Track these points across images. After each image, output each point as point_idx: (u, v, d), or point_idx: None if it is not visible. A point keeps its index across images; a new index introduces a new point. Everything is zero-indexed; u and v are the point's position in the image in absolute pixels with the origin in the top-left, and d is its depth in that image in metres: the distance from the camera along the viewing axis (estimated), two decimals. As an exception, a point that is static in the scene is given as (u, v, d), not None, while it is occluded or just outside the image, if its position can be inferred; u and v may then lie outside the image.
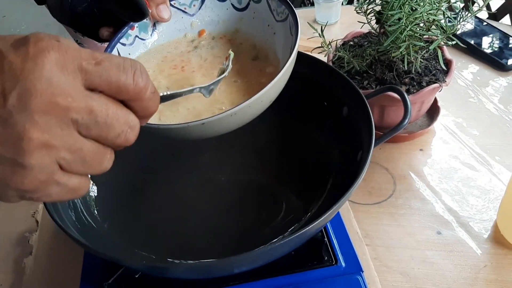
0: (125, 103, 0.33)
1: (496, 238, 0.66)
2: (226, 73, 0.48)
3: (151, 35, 0.57)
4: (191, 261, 0.54)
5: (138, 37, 0.56)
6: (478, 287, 0.60)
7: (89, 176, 0.35)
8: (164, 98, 0.38)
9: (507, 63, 0.95)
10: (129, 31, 0.55)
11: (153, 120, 0.43)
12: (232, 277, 0.54)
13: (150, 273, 0.53)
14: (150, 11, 0.53)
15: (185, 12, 0.58)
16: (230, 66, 0.49)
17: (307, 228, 0.46)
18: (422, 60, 0.75)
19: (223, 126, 0.45)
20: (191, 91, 0.43)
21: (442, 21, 0.70)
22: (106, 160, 0.34)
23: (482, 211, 0.69)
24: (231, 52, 0.50)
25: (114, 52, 0.54)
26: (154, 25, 0.57)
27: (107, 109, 0.32)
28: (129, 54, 0.55)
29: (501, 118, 0.85)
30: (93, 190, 0.64)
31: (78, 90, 0.30)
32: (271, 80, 0.44)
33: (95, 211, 0.61)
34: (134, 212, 0.63)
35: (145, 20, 0.54)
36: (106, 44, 0.54)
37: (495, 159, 0.77)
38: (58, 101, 0.30)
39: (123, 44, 0.55)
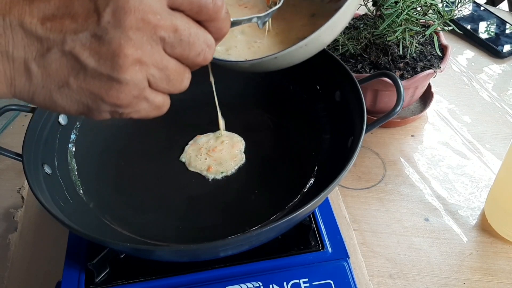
0: (201, 24, 0.34)
1: (483, 226, 0.66)
2: (279, 4, 0.46)
3: None
4: (177, 244, 0.53)
5: None
6: (462, 274, 0.61)
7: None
8: (231, 24, 0.39)
9: (502, 50, 0.94)
10: None
11: (222, 56, 0.45)
12: (218, 260, 0.54)
13: (135, 255, 0.53)
14: None
15: None
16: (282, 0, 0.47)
17: (295, 214, 0.45)
18: (417, 45, 0.74)
19: (294, 58, 0.45)
20: (249, 20, 0.44)
21: (440, 6, 0.69)
22: (186, 79, 0.36)
23: (470, 199, 0.69)
24: None
25: None
26: None
27: (189, 28, 0.33)
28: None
29: (494, 106, 0.85)
30: (79, 169, 0.64)
31: (164, 8, 0.32)
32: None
33: (81, 191, 0.60)
34: (120, 192, 0.62)
35: None
36: None
37: (485, 147, 0.77)
38: (150, 19, 0.31)
39: None
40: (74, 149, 0.64)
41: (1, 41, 0.31)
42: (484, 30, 0.99)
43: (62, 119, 0.63)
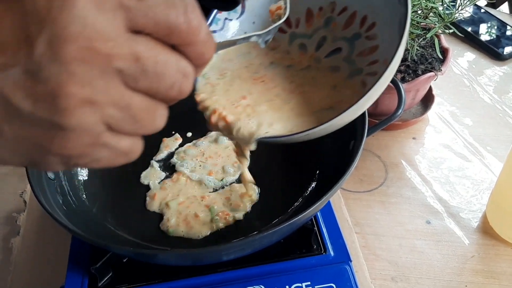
0: (176, 48, 0.28)
1: (485, 229, 0.66)
2: (283, 19, 0.43)
3: (240, 13, 0.50)
4: (180, 249, 0.54)
5: (227, 19, 0.50)
6: (464, 277, 0.61)
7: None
8: (218, 46, 0.33)
9: (503, 52, 0.94)
10: (218, 16, 0.49)
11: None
12: (220, 263, 0.54)
13: (138, 259, 0.53)
14: None
15: None
16: (287, 12, 0.44)
17: (297, 218, 0.46)
18: (418, 48, 0.74)
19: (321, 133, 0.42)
20: (246, 39, 0.39)
21: (440, 9, 0.69)
22: (159, 117, 0.29)
23: (472, 201, 0.69)
24: None
25: None
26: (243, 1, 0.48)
27: (156, 55, 0.26)
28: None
29: (495, 108, 0.85)
30: (82, 174, 0.64)
31: (120, 32, 0.25)
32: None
33: (84, 196, 0.61)
34: (123, 197, 0.63)
35: None
36: None
37: (487, 149, 0.77)
38: (97, 47, 0.24)
39: (214, 31, 0.49)
40: (76, 153, 0.64)
41: None
42: (484, 32, 0.99)
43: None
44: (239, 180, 0.63)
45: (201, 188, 0.62)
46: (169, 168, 0.66)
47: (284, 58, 0.50)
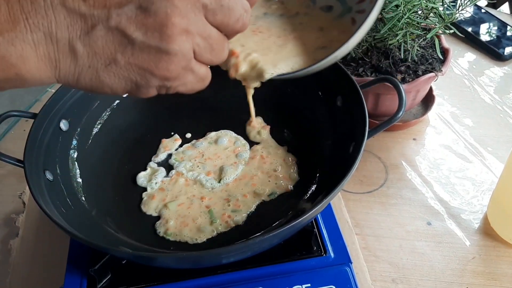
0: None
1: (486, 230, 0.66)
2: None
3: None
4: (179, 251, 0.53)
5: None
6: (465, 278, 0.60)
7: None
8: None
9: (504, 52, 0.94)
10: None
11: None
12: (220, 266, 0.54)
13: (137, 262, 0.53)
14: None
15: None
16: None
17: (298, 220, 0.45)
18: (418, 49, 0.74)
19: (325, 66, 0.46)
20: None
21: (441, 9, 0.69)
22: (226, 49, 0.36)
23: (473, 202, 0.69)
24: None
25: None
26: None
27: None
28: None
29: (496, 109, 0.84)
30: (81, 176, 0.63)
31: None
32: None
33: (82, 198, 0.60)
34: (122, 199, 0.62)
35: None
36: None
37: (488, 150, 0.77)
38: None
39: None
40: (75, 155, 0.64)
41: (43, 23, 0.30)
42: (485, 32, 0.98)
43: (63, 125, 0.63)
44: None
45: (201, 188, 0.62)
46: (168, 168, 0.66)
47: (278, 8, 0.54)
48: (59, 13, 0.30)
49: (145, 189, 0.63)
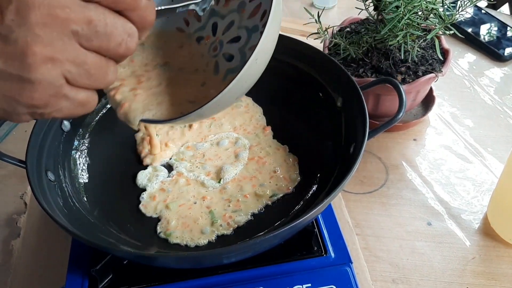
0: (122, 14, 0.33)
1: (486, 230, 0.66)
2: None
3: None
4: (180, 252, 0.53)
5: None
6: (465, 278, 0.60)
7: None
8: (159, 13, 0.38)
9: (504, 53, 0.94)
10: None
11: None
12: (221, 266, 0.54)
13: (138, 262, 0.53)
14: None
15: None
16: None
17: (299, 221, 0.46)
18: (419, 49, 0.74)
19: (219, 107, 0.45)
20: (186, 7, 0.44)
21: (441, 10, 0.69)
22: (110, 72, 0.34)
23: (473, 203, 0.69)
24: None
25: None
26: None
27: (105, 18, 0.32)
28: (173, 0, 0.52)
29: (496, 109, 0.85)
30: (83, 177, 0.64)
31: (74, 1, 0.31)
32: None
33: (84, 198, 0.61)
34: (124, 199, 0.62)
35: None
36: None
37: (488, 150, 0.77)
38: (57, 13, 0.30)
39: None
40: (77, 155, 0.64)
41: None
42: (485, 33, 0.99)
43: (65, 126, 0.63)
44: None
45: (201, 189, 0.62)
46: (168, 169, 0.66)
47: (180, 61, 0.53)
48: None
49: (145, 190, 0.63)
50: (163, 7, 0.40)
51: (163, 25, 0.54)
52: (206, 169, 0.64)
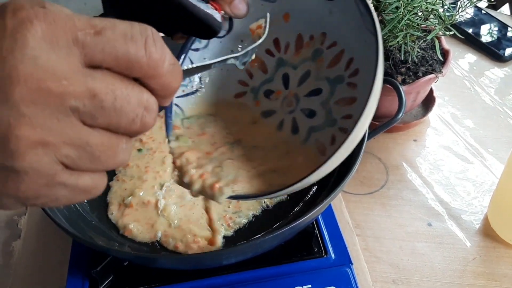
0: (139, 81, 0.27)
1: (486, 231, 0.66)
2: (261, 39, 0.41)
3: (228, 29, 0.47)
4: (180, 253, 0.54)
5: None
6: (466, 279, 0.60)
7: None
8: (187, 72, 0.32)
9: (504, 53, 0.94)
10: None
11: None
12: (221, 267, 0.54)
13: (138, 263, 0.53)
14: (221, 23, 0.42)
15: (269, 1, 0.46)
16: (267, 31, 0.42)
17: (298, 222, 0.46)
18: (419, 50, 0.74)
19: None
20: (223, 62, 0.36)
21: (441, 11, 0.69)
22: (121, 152, 0.27)
23: (473, 203, 0.69)
24: (268, 14, 0.43)
25: (186, 62, 0.45)
26: (231, 19, 0.46)
27: (114, 90, 0.25)
28: (204, 58, 0.47)
29: (496, 110, 0.85)
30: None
31: (75, 69, 0.24)
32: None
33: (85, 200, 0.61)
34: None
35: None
36: None
37: (488, 151, 0.77)
38: (50, 87, 0.23)
39: (196, 49, 0.47)
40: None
41: None
42: (485, 34, 0.99)
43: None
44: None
45: None
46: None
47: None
48: None
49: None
50: (193, 66, 0.33)
51: (223, 79, 0.49)
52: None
